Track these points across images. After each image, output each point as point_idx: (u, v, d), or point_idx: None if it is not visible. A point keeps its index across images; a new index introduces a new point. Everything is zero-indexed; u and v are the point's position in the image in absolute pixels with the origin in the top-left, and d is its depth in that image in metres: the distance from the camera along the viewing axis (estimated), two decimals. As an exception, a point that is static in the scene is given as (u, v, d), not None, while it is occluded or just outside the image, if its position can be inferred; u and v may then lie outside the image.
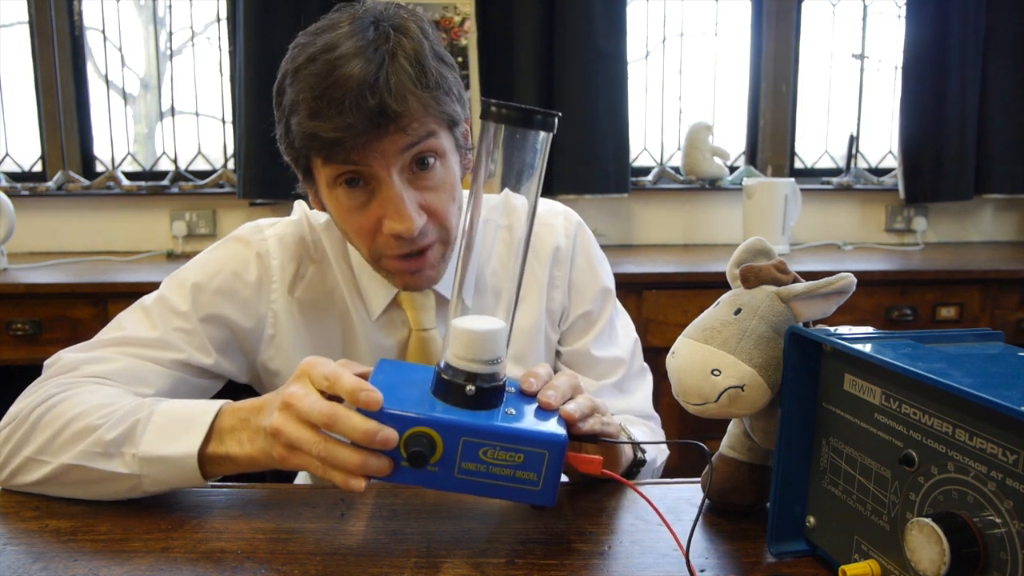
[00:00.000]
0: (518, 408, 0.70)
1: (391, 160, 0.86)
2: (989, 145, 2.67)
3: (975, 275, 2.24)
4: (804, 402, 0.68)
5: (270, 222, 1.04)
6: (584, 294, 1.10)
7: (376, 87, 0.81)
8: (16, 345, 2.09)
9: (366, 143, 0.83)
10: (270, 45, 2.40)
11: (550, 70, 2.54)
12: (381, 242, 0.90)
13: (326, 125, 0.82)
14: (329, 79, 0.82)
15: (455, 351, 0.69)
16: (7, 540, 0.74)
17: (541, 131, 0.69)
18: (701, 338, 0.72)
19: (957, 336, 0.65)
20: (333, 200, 0.91)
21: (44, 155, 2.75)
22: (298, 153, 0.89)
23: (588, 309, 1.10)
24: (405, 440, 0.66)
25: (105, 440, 0.78)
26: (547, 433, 0.67)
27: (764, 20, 2.80)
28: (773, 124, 2.83)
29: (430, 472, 0.67)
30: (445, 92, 0.88)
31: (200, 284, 0.96)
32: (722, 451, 0.80)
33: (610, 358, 1.11)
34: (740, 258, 0.78)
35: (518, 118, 0.67)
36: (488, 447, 0.66)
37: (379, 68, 0.82)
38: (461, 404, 0.68)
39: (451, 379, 0.68)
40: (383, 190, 0.87)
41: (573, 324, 1.11)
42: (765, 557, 0.70)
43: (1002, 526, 0.51)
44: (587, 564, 0.69)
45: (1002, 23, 2.62)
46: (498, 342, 0.69)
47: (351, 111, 0.81)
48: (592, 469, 0.71)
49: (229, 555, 0.71)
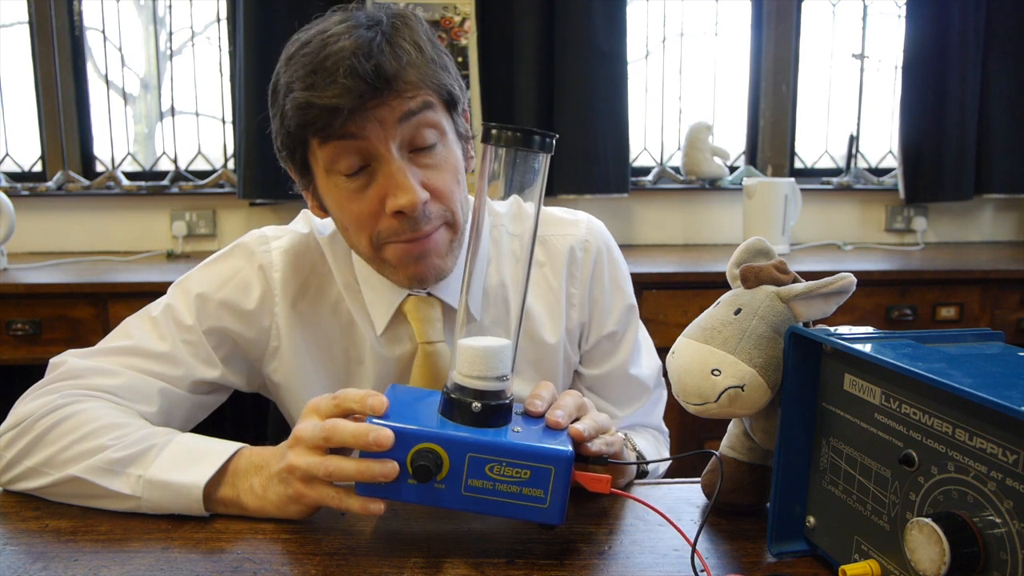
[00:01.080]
0: (525, 427, 0.71)
1: (389, 131, 0.84)
2: (989, 145, 2.67)
3: (975, 275, 2.24)
4: (804, 402, 0.68)
5: (277, 233, 1.02)
6: (609, 313, 1.06)
7: (371, 52, 0.81)
8: (16, 345, 2.09)
9: (363, 109, 0.81)
10: (270, 45, 2.39)
11: (550, 70, 2.54)
12: (384, 227, 0.87)
13: (321, 94, 0.81)
14: (322, 54, 0.82)
15: (461, 369, 0.70)
16: (7, 540, 0.74)
17: (540, 153, 0.69)
18: (701, 338, 0.72)
19: (957, 336, 0.65)
20: (332, 189, 0.88)
21: (44, 155, 2.75)
22: (294, 142, 0.87)
23: (613, 330, 1.06)
24: (411, 456, 0.66)
25: (112, 459, 0.78)
26: (553, 449, 0.67)
27: (764, 20, 2.80)
28: (773, 124, 2.83)
29: (437, 489, 0.67)
30: (442, 68, 0.88)
31: (205, 295, 0.96)
32: (722, 451, 0.80)
33: (643, 377, 1.09)
34: (740, 258, 0.78)
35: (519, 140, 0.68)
36: (494, 463, 0.67)
37: (373, 37, 0.82)
38: (468, 422, 0.69)
39: (458, 397, 0.69)
40: (383, 168, 0.85)
41: (597, 345, 1.06)
42: (765, 557, 0.70)
43: (1002, 526, 0.51)
44: (587, 564, 0.69)
45: (1002, 23, 2.61)
46: (503, 359, 0.70)
47: (346, 77, 0.80)
48: (601, 488, 0.71)
49: (229, 555, 0.71)
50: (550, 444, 0.68)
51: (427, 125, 0.86)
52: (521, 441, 0.68)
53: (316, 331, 1.00)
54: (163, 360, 0.92)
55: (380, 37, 0.83)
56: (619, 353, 1.07)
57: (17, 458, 0.81)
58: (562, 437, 0.70)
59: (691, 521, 0.77)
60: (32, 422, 0.82)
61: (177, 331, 0.94)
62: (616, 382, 1.08)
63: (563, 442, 0.69)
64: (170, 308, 0.96)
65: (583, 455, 0.72)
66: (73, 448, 0.79)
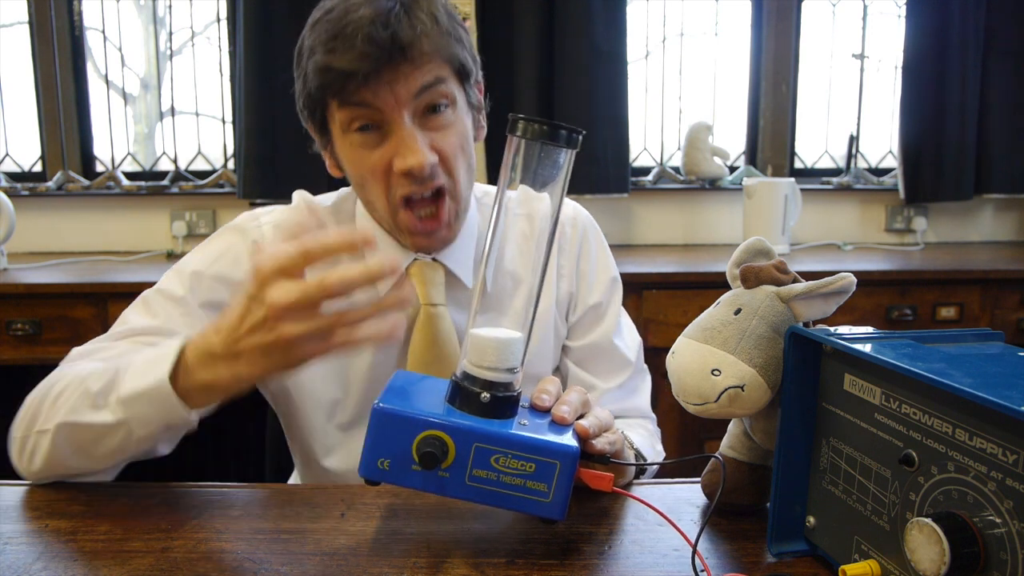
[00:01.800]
0: (531, 421, 0.71)
1: (402, 100, 0.88)
2: (989, 145, 2.67)
3: (975, 275, 2.24)
4: (804, 402, 0.68)
5: (267, 210, 1.06)
6: (594, 285, 1.11)
7: (388, 21, 0.85)
8: (16, 345, 2.09)
9: (379, 77, 0.86)
10: (270, 45, 2.39)
11: (550, 70, 2.54)
12: (395, 183, 0.92)
13: (340, 58, 0.85)
14: (343, 20, 0.86)
15: (472, 359, 0.70)
16: (7, 540, 0.74)
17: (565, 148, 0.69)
18: (701, 338, 0.72)
19: (957, 336, 0.65)
20: (347, 146, 0.93)
21: (44, 155, 2.75)
22: (314, 103, 0.92)
23: (598, 300, 1.11)
24: (417, 443, 0.66)
25: (92, 392, 0.78)
26: (559, 443, 0.67)
27: (764, 20, 2.80)
28: (773, 124, 2.83)
29: (441, 477, 0.67)
30: (457, 40, 0.92)
31: (198, 271, 0.99)
32: (722, 451, 0.80)
33: (625, 348, 1.12)
34: (740, 258, 0.78)
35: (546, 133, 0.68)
36: (500, 454, 0.67)
37: (392, 6, 0.86)
38: (476, 412, 0.69)
39: (467, 386, 0.69)
40: (395, 131, 0.90)
41: (584, 317, 1.11)
42: (765, 557, 0.70)
43: (1002, 526, 0.51)
44: (587, 564, 0.69)
45: (1002, 23, 2.61)
46: (515, 351, 0.70)
47: (364, 43, 0.84)
48: (603, 485, 0.71)
49: (229, 555, 0.71)
50: (556, 439, 0.68)
51: (439, 96, 0.91)
52: (528, 434, 0.68)
53: None
54: (155, 332, 0.94)
55: (399, 7, 0.87)
56: (604, 323, 1.11)
57: (27, 434, 0.84)
58: (567, 433, 0.70)
59: (691, 521, 0.77)
60: (31, 399, 0.86)
61: (170, 305, 0.96)
62: (601, 353, 1.11)
63: (569, 438, 0.69)
64: (162, 290, 0.99)
65: (586, 452, 0.72)
66: (61, 396, 0.82)
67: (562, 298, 1.10)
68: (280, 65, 2.48)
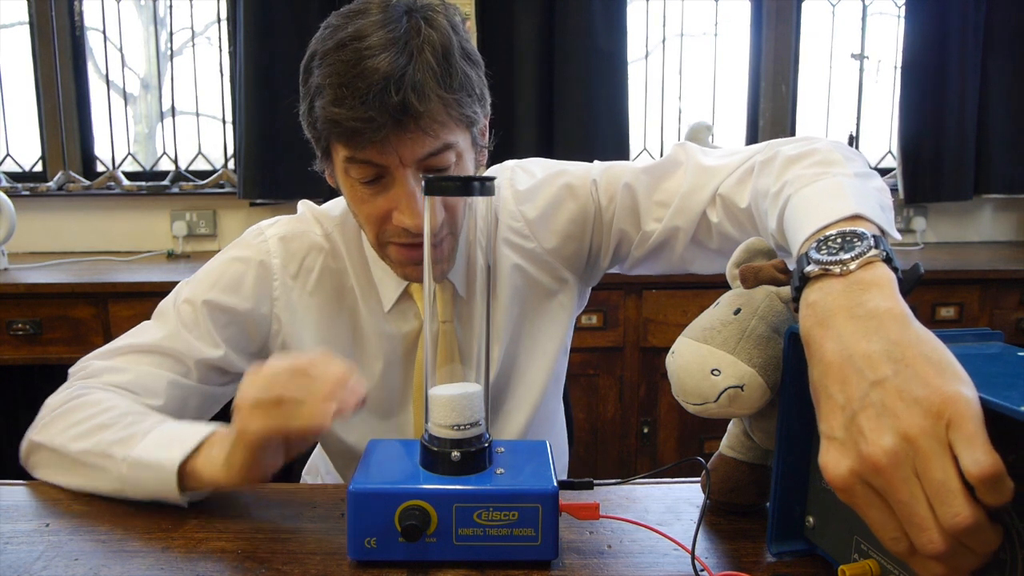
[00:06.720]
0: (507, 466, 0.71)
1: (408, 163, 0.87)
2: (989, 145, 2.67)
3: (974, 275, 2.24)
4: (804, 402, 0.68)
5: (271, 222, 1.06)
6: (583, 224, 1.03)
7: (401, 83, 0.82)
8: (16, 345, 2.09)
9: (385, 138, 0.84)
10: (270, 45, 2.39)
11: (550, 70, 2.54)
12: (389, 229, 0.91)
13: (348, 114, 0.83)
14: (356, 69, 0.82)
15: (434, 419, 0.70)
16: (7, 540, 0.74)
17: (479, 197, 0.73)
18: (701, 338, 0.72)
19: (957, 336, 0.65)
20: (347, 183, 0.92)
21: (44, 155, 2.75)
22: (319, 134, 0.90)
23: (613, 192, 1.00)
24: (399, 515, 0.66)
25: (106, 440, 0.81)
26: (537, 488, 0.67)
27: (764, 20, 2.80)
28: (773, 124, 2.83)
29: (429, 543, 0.67)
30: (468, 94, 0.89)
31: (208, 285, 0.99)
32: (722, 451, 0.80)
33: (656, 158, 1.02)
34: (740, 258, 0.78)
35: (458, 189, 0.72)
36: (481, 509, 0.67)
37: (406, 64, 0.83)
38: (449, 472, 0.68)
39: (436, 449, 0.69)
40: (397, 185, 0.88)
41: (620, 211, 1.00)
42: (765, 557, 0.70)
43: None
44: (587, 564, 0.69)
45: (1002, 22, 2.61)
46: (475, 405, 0.70)
47: (374, 104, 0.82)
48: (590, 516, 0.71)
49: (229, 555, 0.71)
50: (534, 482, 0.68)
51: (444, 161, 0.89)
52: (505, 484, 0.68)
53: (319, 310, 1.02)
54: (165, 347, 0.95)
55: (414, 56, 0.83)
56: (638, 188, 0.99)
57: (35, 445, 0.87)
58: (545, 471, 0.70)
59: (691, 521, 0.77)
60: (51, 409, 0.89)
61: (176, 315, 0.98)
62: (666, 195, 0.97)
63: (546, 478, 0.69)
64: (174, 302, 1.00)
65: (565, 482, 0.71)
66: (76, 427, 0.84)
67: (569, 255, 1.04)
68: (280, 66, 2.48)
